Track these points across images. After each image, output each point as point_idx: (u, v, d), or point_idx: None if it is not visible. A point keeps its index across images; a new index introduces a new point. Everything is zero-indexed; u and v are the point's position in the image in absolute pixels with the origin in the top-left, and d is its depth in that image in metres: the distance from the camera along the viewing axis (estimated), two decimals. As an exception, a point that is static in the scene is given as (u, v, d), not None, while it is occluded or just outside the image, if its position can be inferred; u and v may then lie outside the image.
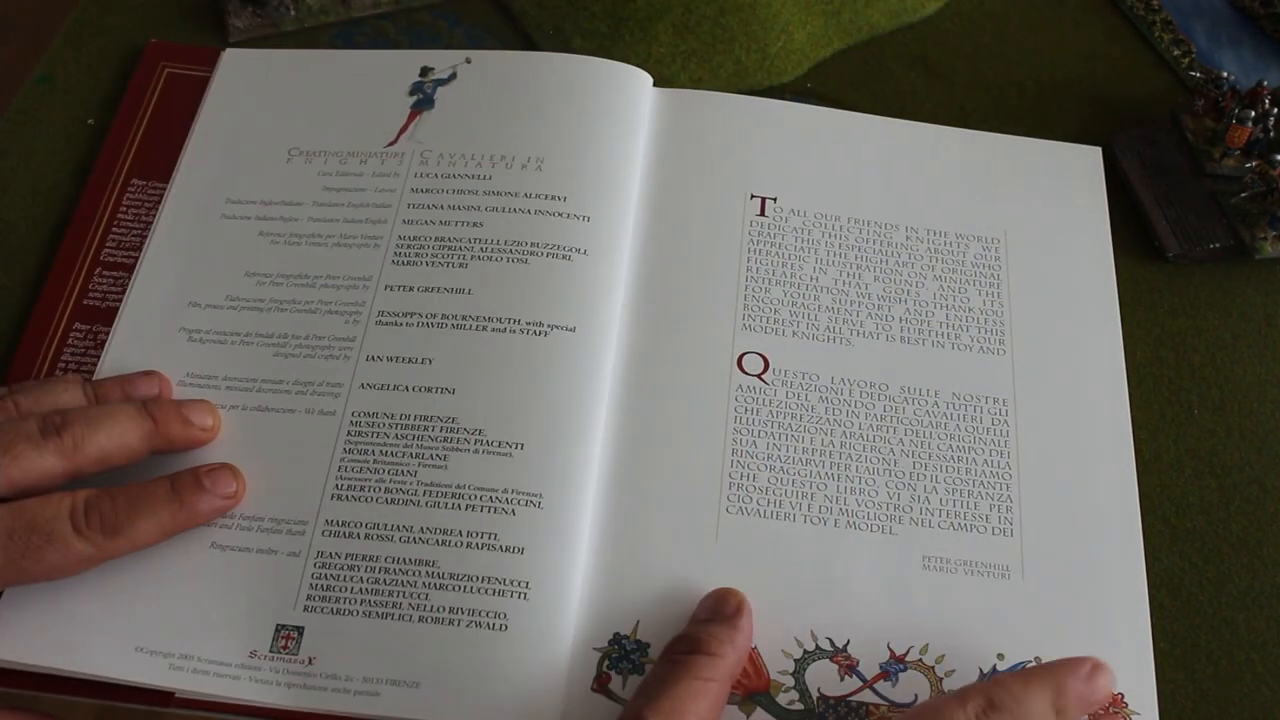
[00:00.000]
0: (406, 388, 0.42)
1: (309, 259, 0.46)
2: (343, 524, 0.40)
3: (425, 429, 0.41)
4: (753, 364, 0.44)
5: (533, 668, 0.37)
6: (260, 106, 0.50)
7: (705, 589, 0.39)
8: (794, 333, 0.45)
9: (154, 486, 0.38)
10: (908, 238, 0.48)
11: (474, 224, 0.46)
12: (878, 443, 0.43)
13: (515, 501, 0.40)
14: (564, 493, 0.40)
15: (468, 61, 0.50)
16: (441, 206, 0.46)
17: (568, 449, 0.41)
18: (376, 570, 0.39)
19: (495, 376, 0.42)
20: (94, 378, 0.43)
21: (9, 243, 0.47)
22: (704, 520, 0.41)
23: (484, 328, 0.43)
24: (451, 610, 0.38)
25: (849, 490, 0.42)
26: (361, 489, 0.40)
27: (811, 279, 0.46)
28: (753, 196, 0.48)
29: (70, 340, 0.44)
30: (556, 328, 0.43)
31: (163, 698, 0.37)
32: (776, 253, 0.47)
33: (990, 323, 0.46)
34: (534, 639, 0.38)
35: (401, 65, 0.51)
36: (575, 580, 0.39)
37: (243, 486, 0.40)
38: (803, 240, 0.47)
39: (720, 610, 0.38)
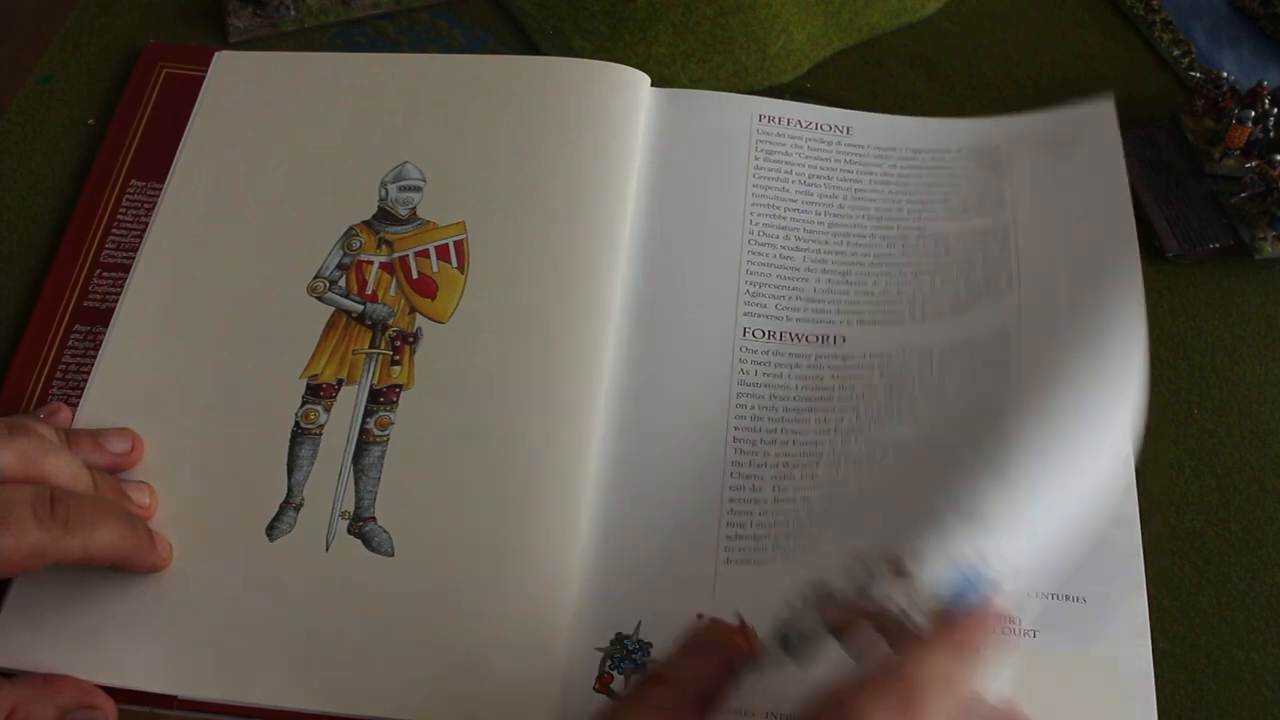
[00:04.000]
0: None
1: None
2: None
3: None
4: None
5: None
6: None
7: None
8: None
9: (113, 505, 0.38)
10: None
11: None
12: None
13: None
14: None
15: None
16: None
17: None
18: None
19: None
20: (90, 381, 0.43)
21: (9, 243, 0.47)
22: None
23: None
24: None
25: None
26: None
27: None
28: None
29: (70, 342, 0.44)
30: None
31: (164, 700, 0.37)
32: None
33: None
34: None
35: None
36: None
37: (170, 555, 0.39)
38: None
39: (697, 649, 0.35)
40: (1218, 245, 0.49)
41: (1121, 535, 0.42)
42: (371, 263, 0.46)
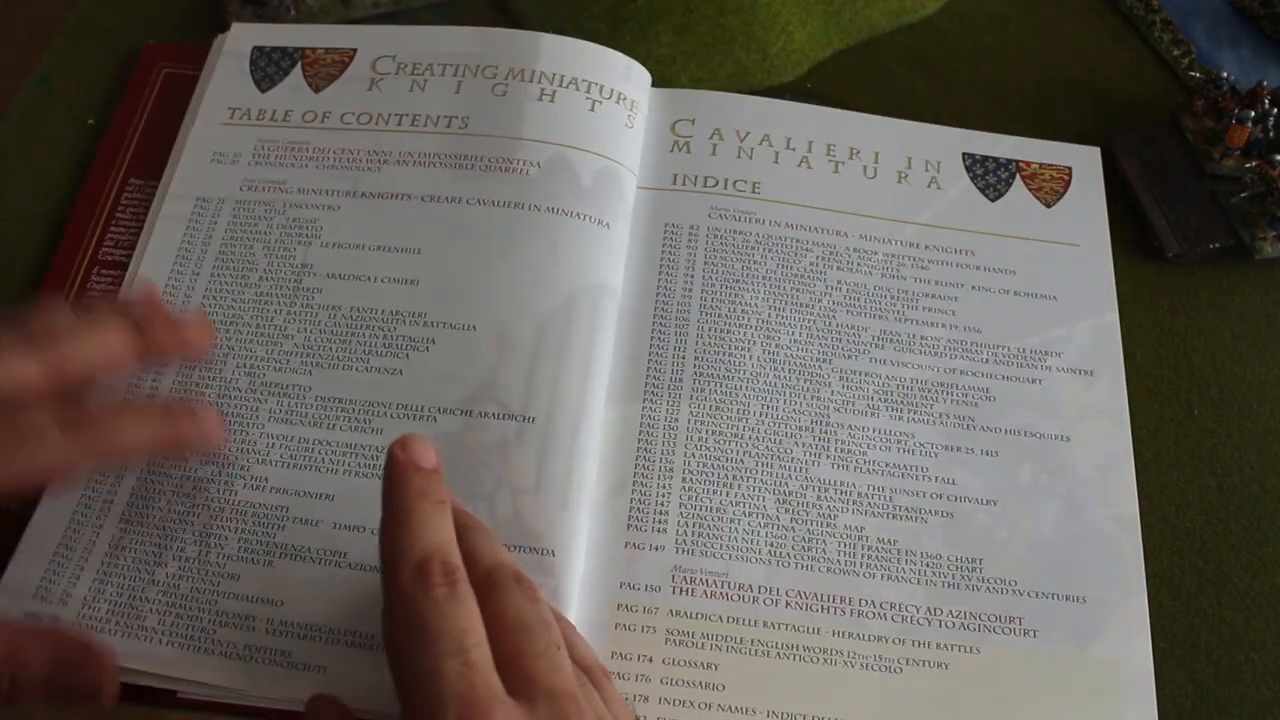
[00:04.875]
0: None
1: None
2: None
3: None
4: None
5: None
6: None
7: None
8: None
9: (142, 402, 0.39)
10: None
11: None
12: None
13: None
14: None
15: None
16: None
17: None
18: None
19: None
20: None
21: (9, 242, 0.47)
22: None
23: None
24: None
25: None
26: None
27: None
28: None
29: (70, 340, 0.44)
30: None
31: (163, 698, 0.37)
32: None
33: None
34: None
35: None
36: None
37: (222, 433, 0.40)
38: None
39: None
40: (1218, 245, 0.49)
41: (1121, 535, 0.42)
42: None
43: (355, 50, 0.50)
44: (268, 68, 0.50)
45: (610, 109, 0.48)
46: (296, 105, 0.49)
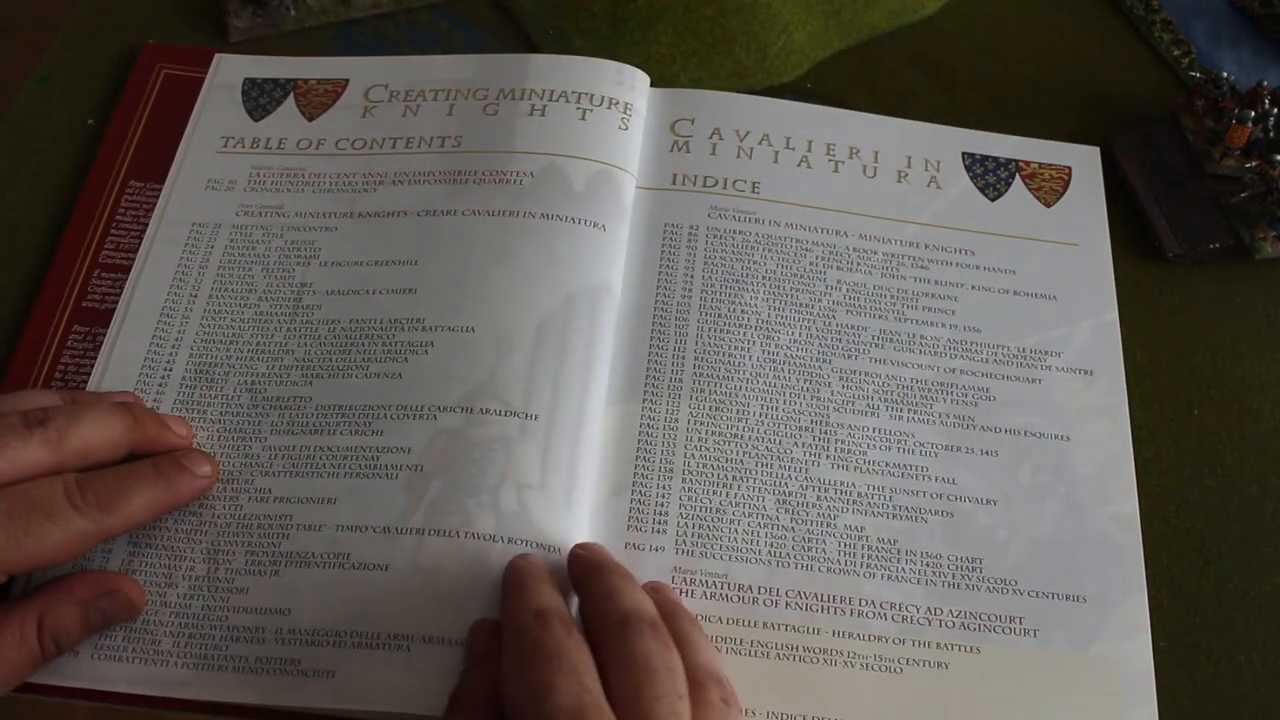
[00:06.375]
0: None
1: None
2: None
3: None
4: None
5: None
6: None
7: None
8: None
9: (138, 466, 0.38)
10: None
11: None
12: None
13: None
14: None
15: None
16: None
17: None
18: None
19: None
20: (91, 379, 0.43)
21: (8, 243, 0.47)
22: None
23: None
24: None
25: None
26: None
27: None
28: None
29: (69, 342, 0.44)
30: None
31: (164, 700, 0.37)
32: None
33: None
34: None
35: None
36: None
37: (216, 469, 0.40)
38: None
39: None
40: (1218, 245, 0.49)
41: (1121, 535, 0.42)
42: None
43: (347, 80, 0.51)
44: (260, 98, 0.50)
45: (602, 115, 0.48)
46: (290, 133, 0.49)
